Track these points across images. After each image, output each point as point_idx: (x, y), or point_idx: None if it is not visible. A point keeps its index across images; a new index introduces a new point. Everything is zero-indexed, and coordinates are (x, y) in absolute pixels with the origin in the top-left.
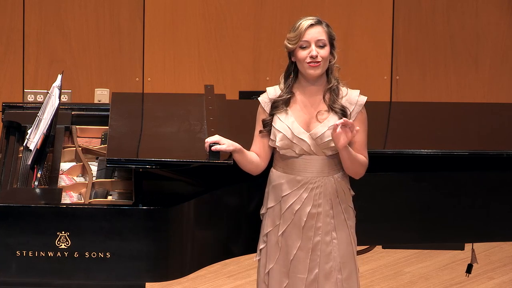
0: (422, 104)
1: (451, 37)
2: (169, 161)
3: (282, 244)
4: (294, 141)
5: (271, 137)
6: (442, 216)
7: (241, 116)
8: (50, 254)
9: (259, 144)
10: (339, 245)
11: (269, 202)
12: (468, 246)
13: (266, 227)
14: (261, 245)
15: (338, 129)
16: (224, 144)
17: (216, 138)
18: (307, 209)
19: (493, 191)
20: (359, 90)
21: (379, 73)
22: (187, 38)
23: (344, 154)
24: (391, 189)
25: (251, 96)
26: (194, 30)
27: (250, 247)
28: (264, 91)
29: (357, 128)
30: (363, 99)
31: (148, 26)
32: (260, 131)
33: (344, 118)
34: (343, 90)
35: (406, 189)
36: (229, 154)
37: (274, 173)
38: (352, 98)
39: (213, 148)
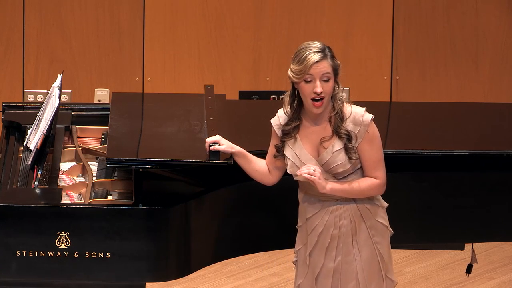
0: (422, 104)
1: (451, 37)
2: (169, 161)
3: (310, 262)
4: None
5: (285, 161)
6: (442, 216)
7: (241, 116)
8: (50, 254)
9: (270, 159)
10: (362, 263)
11: (299, 220)
12: (468, 246)
13: (297, 243)
14: (294, 258)
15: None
16: (223, 145)
17: (216, 138)
18: (330, 230)
19: (493, 191)
20: (364, 108)
21: (379, 73)
22: (187, 38)
23: (335, 194)
24: (391, 189)
25: (251, 96)
26: (194, 30)
27: (250, 247)
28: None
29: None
30: (368, 118)
31: (148, 26)
32: (275, 156)
33: (298, 172)
34: (347, 110)
35: (406, 189)
36: (230, 155)
37: (299, 193)
38: (357, 118)
39: (211, 148)
